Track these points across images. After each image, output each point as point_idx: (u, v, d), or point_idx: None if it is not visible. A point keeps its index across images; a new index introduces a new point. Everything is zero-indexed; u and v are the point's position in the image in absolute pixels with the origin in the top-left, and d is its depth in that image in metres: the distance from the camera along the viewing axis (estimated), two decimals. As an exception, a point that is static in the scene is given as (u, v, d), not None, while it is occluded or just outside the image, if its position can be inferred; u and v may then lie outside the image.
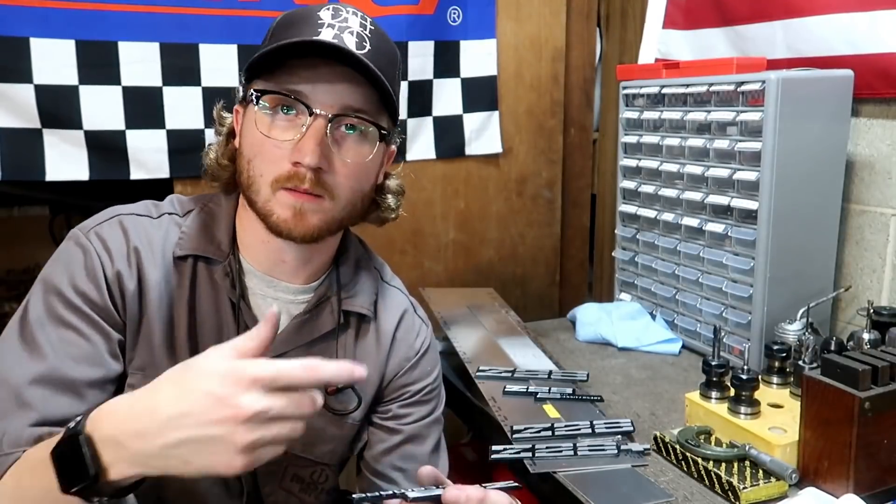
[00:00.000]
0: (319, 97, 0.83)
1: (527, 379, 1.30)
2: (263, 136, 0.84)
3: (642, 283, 1.68)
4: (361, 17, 0.88)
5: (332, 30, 0.84)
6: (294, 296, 0.95)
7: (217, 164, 0.94)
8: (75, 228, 0.90)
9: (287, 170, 0.84)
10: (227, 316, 0.91)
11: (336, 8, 0.87)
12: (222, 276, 0.91)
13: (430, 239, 1.94)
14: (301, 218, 0.85)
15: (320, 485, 1.01)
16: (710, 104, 1.43)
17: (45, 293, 0.85)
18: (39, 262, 0.90)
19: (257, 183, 0.86)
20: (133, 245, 0.88)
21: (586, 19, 2.06)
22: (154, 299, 0.88)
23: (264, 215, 0.86)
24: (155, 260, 0.89)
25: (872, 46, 1.35)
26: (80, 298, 0.84)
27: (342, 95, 0.84)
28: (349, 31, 0.85)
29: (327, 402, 0.97)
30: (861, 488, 0.93)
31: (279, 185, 0.84)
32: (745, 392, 1.08)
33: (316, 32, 0.84)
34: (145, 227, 0.90)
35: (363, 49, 0.84)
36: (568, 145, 2.08)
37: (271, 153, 0.84)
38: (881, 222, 1.41)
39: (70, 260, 0.86)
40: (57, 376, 0.81)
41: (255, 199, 0.87)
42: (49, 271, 0.87)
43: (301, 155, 0.82)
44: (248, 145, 0.87)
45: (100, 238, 0.87)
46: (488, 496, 0.65)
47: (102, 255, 0.86)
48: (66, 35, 1.50)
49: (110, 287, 0.85)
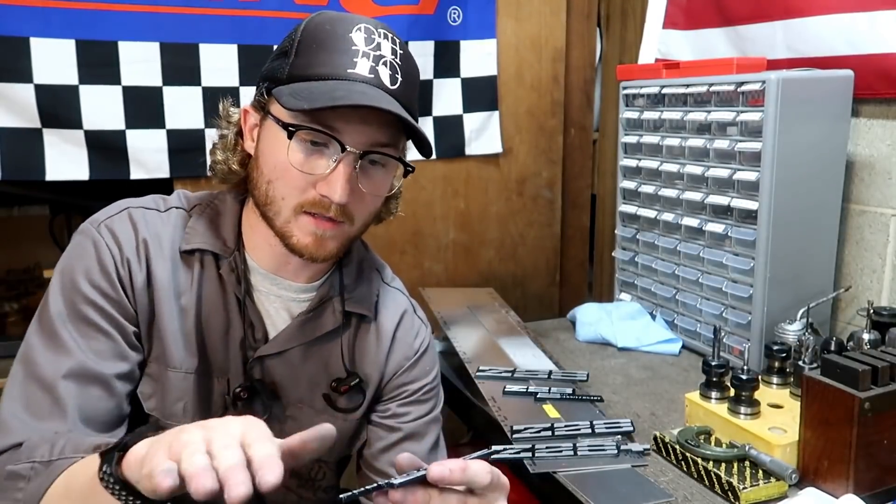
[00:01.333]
0: (352, 134, 0.83)
1: (527, 379, 1.30)
2: (292, 165, 0.84)
3: (642, 283, 1.68)
4: (391, 41, 0.87)
5: (368, 60, 0.84)
6: (297, 294, 0.96)
7: (228, 168, 0.94)
8: (86, 222, 0.91)
9: (313, 197, 0.84)
10: (232, 311, 0.93)
11: (368, 29, 0.85)
12: (228, 272, 0.92)
13: (430, 239, 1.94)
14: (321, 244, 0.86)
15: (318, 481, 1.02)
16: (710, 104, 1.43)
17: (63, 289, 0.86)
18: (39, 261, 0.91)
19: (278, 204, 0.86)
20: (142, 237, 0.89)
21: (586, 19, 2.07)
22: (163, 290, 0.89)
23: (283, 235, 0.87)
24: (163, 252, 0.90)
25: (872, 46, 1.35)
26: (96, 293, 0.86)
27: (374, 134, 0.84)
28: (383, 61, 0.85)
29: (333, 399, 0.97)
30: (861, 488, 0.93)
31: (302, 209, 0.85)
32: (745, 392, 1.08)
33: (352, 63, 0.83)
34: (153, 220, 0.92)
35: (396, 83, 0.85)
36: (568, 145, 2.09)
37: (297, 181, 0.84)
38: (881, 222, 1.41)
39: (83, 254, 0.87)
40: (85, 370, 0.83)
41: (273, 218, 0.87)
42: (64, 266, 0.88)
43: (331, 191, 0.83)
44: (271, 167, 0.86)
45: (110, 230, 0.89)
46: (469, 466, 0.66)
47: (112, 247, 0.88)
48: (67, 35, 1.50)
49: (122, 279, 0.87)
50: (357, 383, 0.98)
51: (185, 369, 0.91)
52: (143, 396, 0.90)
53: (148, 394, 0.90)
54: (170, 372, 0.90)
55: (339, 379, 0.97)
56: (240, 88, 1.65)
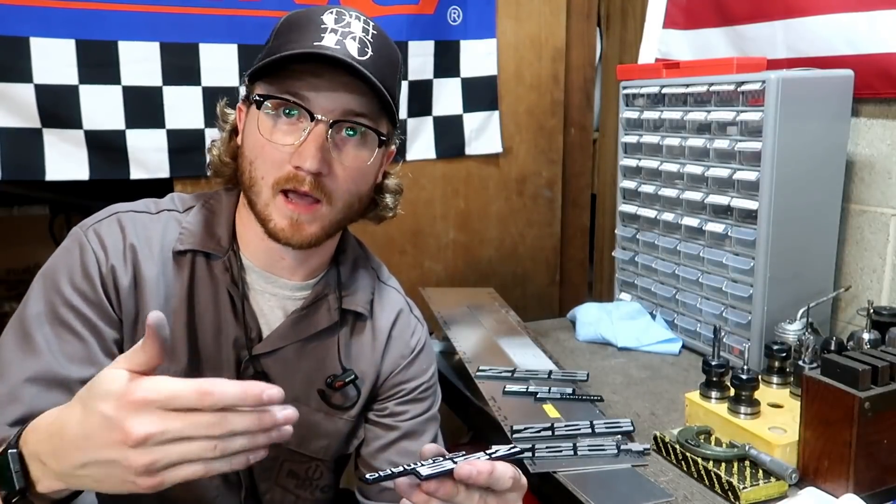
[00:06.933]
0: (321, 102, 0.84)
1: (527, 379, 1.30)
2: (265, 139, 0.85)
3: (642, 283, 1.68)
4: (364, 21, 0.89)
5: (335, 35, 0.85)
6: (292, 292, 0.96)
7: (220, 161, 0.95)
8: (76, 226, 0.91)
9: (287, 172, 0.85)
10: (225, 310, 0.93)
11: (339, 12, 0.88)
12: (222, 271, 0.92)
13: (430, 239, 1.94)
14: (298, 228, 0.87)
15: (315, 481, 1.02)
16: (710, 104, 1.43)
17: (44, 290, 0.86)
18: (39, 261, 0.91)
19: (258, 184, 0.87)
20: (129, 242, 0.89)
21: (586, 19, 2.07)
22: (151, 294, 0.89)
23: (263, 219, 0.88)
24: (152, 255, 0.90)
25: (872, 46, 1.35)
26: (76, 295, 0.86)
27: (343, 101, 0.85)
28: (351, 36, 0.86)
29: (328, 396, 0.97)
30: (861, 488, 0.93)
31: (279, 188, 0.86)
32: (745, 392, 1.08)
33: (319, 38, 0.85)
34: (143, 223, 0.92)
35: (365, 55, 0.85)
36: (568, 145, 2.09)
37: (272, 156, 0.86)
38: (881, 222, 1.41)
39: (68, 257, 0.88)
40: (51, 374, 0.82)
41: (255, 201, 0.88)
42: (48, 268, 0.88)
43: (302, 159, 0.84)
44: (250, 147, 0.88)
45: (97, 235, 0.89)
46: (496, 468, 0.67)
47: (98, 251, 0.88)
48: (67, 34, 1.50)
49: (105, 282, 0.87)
50: (352, 380, 0.97)
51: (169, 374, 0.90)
52: None
53: None
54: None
55: (334, 375, 0.97)
56: (240, 88, 1.65)
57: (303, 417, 0.97)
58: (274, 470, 0.98)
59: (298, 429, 0.98)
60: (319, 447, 1.00)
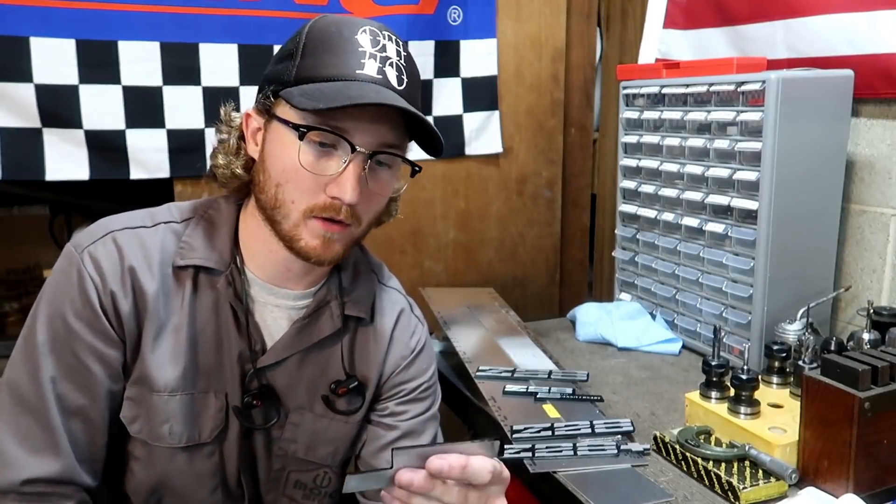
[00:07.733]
0: (362, 134, 0.83)
1: (527, 379, 1.30)
2: (304, 168, 0.83)
3: (642, 283, 1.68)
4: (395, 42, 0.87)
5: (375, 62, 0.84)
6: (295, 301, 0.95)
7: (231, 173, 0.92)
8: (69, 245, 0.90)
9: (323, 201, 0.84)
10: (227, 324, 0.92)
11: (373, 31, 0.86)
12: (224, 285, 0.91)
13: (430, 239, 1.94)
14: (328, 246, 0.86)
15: (323, 489, 1.01)
16: (710, 104, 1.43)
17: (50, 319, 0.86)
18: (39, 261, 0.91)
19: (287, 207, 0.85)
20: (128, 265, 0.87)
21: (586, 19, 2.06)
22: (152, 313, 0.88)
23: (290, 239, 0.87)
24: (152, 272, 0.89)
25: (873, 46, 1.35)
26: (80, 324, 0.86)
27: (382, 133, 0.85)
28: (390, 62, 0.85)
29: (334, 402, 0.97)
30: (861, 488, 0.93)
31: (312, 214, 0.85)
32: (745, 392, 1.08)
33: (360, 64, 0.83)
34: (140, 240, 0.90)
35: (402, 84, 0.85)
36: (568, 145, 2.08)
37: (307, 183, 0.84)
38: (881, 222, 1.41)
39: (68, 285, 0.87)
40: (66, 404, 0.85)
41: (280, 222, 0.87)
42: (50, 296, 0.87)
43: (342, 192, 0.83)
44: (279, 170, 0.85)
45: (93, 259, 0.87)
46: (470, 464, 0.67)
47: (95, 277, 0.86)
48: (67, 34, 1.50)
49: (105, 310, 0.86)
50: (356, 385, 0.97)
51: (169, 391, 0.89)
52: (126, 421, 0.90)
53: (131, 417, 0.90)
54: (154, 396, 0.89)
55: (338, 381, 0.97)
56: (240, 88, 1.65)
57: (308, 425, 0.97)
58: (280, 481, 0.98)
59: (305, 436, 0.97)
60: (327, 453, 0.99)
